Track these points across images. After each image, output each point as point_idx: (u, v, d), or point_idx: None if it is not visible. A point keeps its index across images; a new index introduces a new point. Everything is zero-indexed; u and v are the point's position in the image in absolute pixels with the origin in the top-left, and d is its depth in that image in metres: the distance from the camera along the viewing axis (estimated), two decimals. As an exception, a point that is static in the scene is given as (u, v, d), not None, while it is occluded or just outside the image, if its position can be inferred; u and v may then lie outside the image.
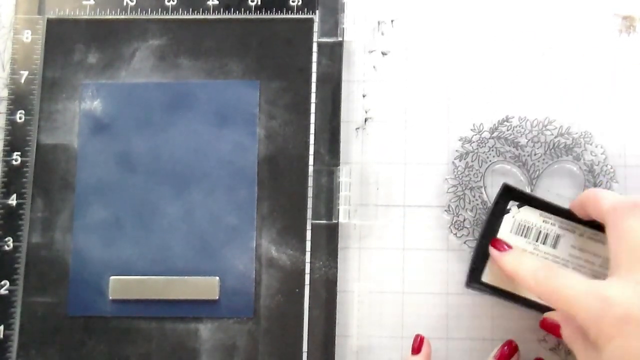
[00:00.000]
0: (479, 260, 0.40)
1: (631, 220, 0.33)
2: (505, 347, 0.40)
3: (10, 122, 0.45)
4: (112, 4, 0.46)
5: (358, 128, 0.45)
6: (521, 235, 0.40)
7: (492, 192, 0.43)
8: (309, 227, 0.43)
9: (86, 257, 0.43)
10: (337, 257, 0.43)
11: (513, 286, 0.40)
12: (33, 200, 0.44)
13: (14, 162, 0.44)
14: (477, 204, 0.43)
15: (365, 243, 0.43)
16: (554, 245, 0.40)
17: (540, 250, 0.40)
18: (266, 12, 0.46)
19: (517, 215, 0.40)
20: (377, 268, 0.43)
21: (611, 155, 0.43)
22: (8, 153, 0.44)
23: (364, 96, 0.45)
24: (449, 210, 0.43)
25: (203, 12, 0.46)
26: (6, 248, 0.43)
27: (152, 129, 0.45)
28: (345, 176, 0.43)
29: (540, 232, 0.40)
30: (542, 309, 0.39)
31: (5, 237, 0.43)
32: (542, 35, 0.45)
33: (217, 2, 0.46)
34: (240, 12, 0.46)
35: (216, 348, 0.42)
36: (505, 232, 0.40)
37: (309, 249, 0.43)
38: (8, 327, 0.43)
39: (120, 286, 0.43)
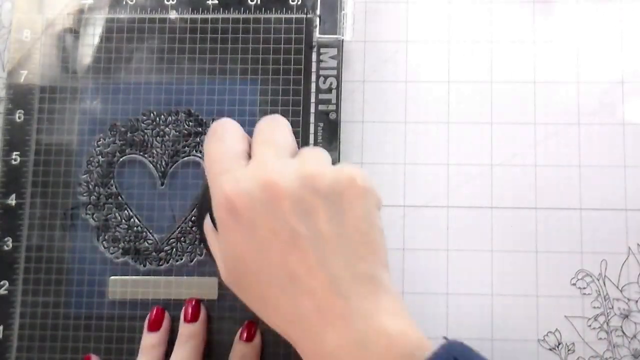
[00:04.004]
0: None
1: None
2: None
3: (10, 122, 0.45)
4: (112, 3, 0.46)
5: (358, 128, 0.45)
6: None
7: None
8: (309, 227, 0.43)
9: (86, 257, 0.43)
10: (337, 257, 0.43)
11: None
12: (32, 200, 0.44)
13: (13, 162, 0.44)
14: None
15: (365, 243, 0.43)
16: None
17: None
18: (266, 11, 0.45)
19: None
20: (377, 268, 0.43)
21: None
22: (7, 153, 0.44)
23: (363, 96, 0.45)
24: None
25: (203, 11, 0.46)
26: (5, 248, 0.43)
27: (152, 129, 0.45)
28: (345, 176, 0.43)
29: None
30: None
31: (5, 237, 0.43)
32: (542, 36, 0.45)
33: (216, 2, 0.46)
34: (240, 11, 0.46)
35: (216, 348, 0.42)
36: None
37: (309, 249, 0.43)
38: (8, 327, 0.43)
39: (120, 286, 0.43)
